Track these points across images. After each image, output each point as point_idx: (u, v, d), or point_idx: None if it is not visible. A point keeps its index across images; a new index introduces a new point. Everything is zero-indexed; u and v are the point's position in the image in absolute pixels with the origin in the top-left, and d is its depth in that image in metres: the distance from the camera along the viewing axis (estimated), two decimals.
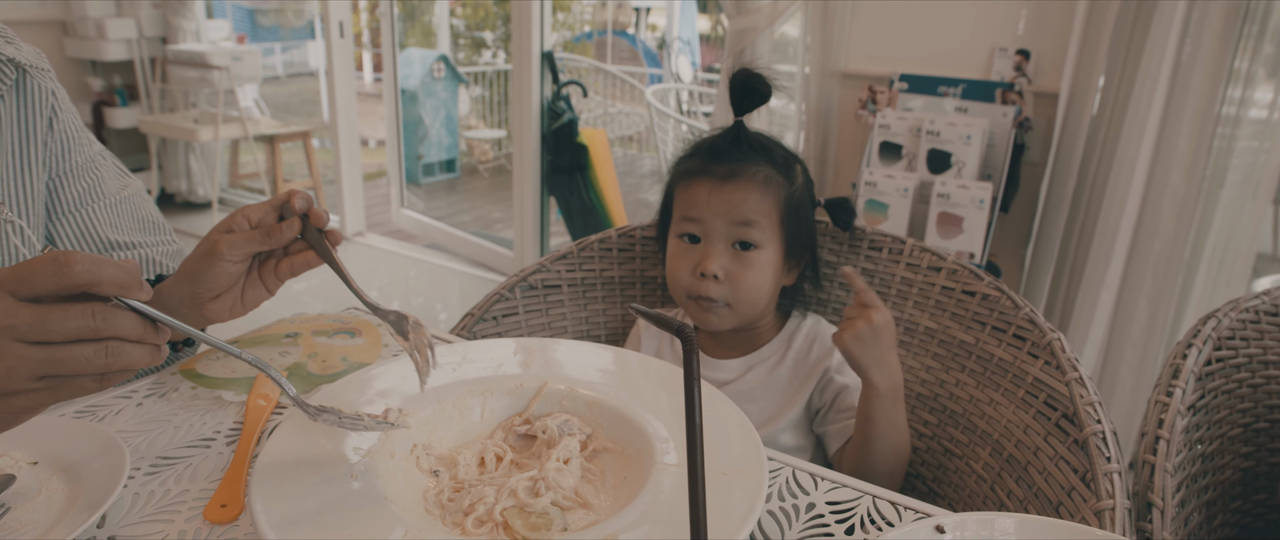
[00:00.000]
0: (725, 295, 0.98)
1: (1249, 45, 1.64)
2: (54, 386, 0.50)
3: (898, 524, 0.64)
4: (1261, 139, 1.66)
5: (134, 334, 0.51)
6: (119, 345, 0.50)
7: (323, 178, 4.65)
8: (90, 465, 0.65)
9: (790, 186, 1.01)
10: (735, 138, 1.02)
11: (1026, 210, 2.01)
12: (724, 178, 0.98)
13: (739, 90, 1.00)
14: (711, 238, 0.99)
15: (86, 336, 0.49)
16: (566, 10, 7.18)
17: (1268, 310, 0.92)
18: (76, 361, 0.49)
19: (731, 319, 1.01)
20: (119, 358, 0.50)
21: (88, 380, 0.50)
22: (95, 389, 0.51)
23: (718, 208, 0.98)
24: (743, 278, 0.98)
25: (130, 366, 0.51)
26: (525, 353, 0.80)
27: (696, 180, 1.00)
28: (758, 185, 0.98)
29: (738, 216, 0.97)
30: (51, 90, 0.88)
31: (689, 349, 0.43)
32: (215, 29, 4.56)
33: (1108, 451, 0.76)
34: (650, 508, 0.58)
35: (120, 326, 0.50)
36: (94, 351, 0.49)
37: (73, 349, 0.49)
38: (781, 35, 2.28)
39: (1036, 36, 1.92)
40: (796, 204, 1.01)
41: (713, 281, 0.98)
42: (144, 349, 0.52)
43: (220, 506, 0.63)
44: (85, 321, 0.49)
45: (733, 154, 1.00)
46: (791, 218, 1.00)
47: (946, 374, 1.01)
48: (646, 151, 5.95)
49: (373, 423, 0.62)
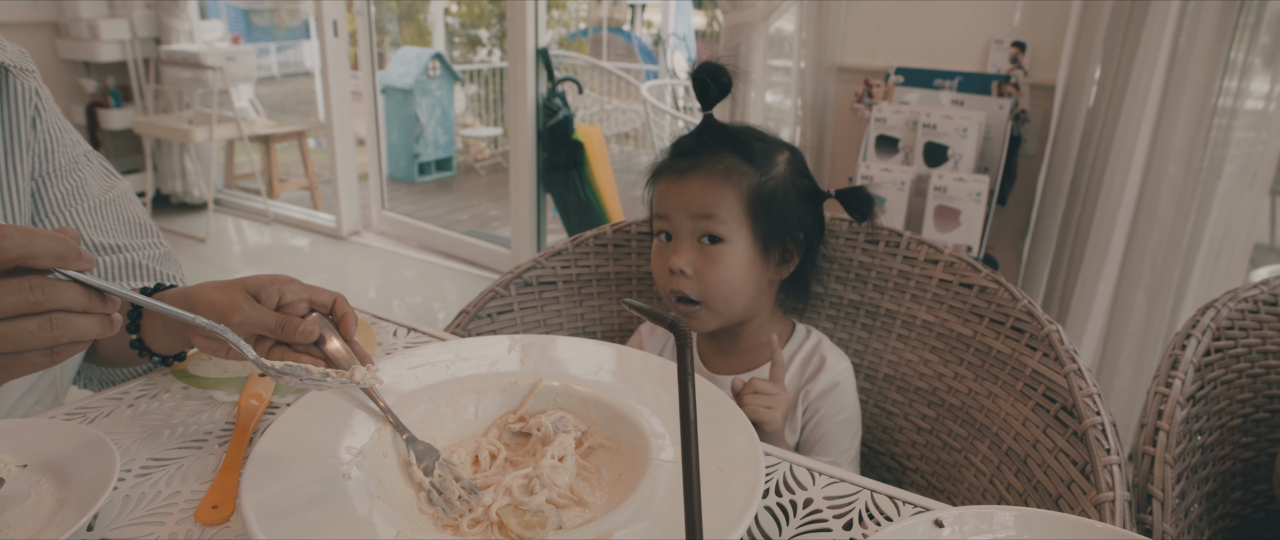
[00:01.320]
0: (695, 291, 0.97)
1: (1245, 36, 1.63)
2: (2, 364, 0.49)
3: (896, 519, 0.63)
4: (1258, 129, 1.66)
5: (78, 305, 0.50)
6: (63, 317, 0.49)
7: (319, 177, 4.64)
8: (80, 468, 0.64)
9: (760, 176, 0.98)
10: (701, 131, 1.00)
11: (1024, 203, 2.01)
12: (683, 172, 0.98)
13: (699, 84, 0.99)
14: (678, 233, 0.98)
15: (28, 311, 0.48)
16: (562, 7, 7.16)
17: (1266, 300, 0.91)
18: (21, 337, 0.48)
19: (710, 320, 0.99)
20: (65, 330, 0.49)
21: (36, 355, 0.49)
22: (47, 363, 0.50)
23: (678, 202, 0.97)
24: (709, 272, 0.96)
25: (79, 337, 0.50)
26: (520, 350, 0.79)
27: (662, 177, 1.00)
28: (717, 177, 0.96)
29: (696, 209, 0.96)
30: (35, 90, 0.87)
31: (682, 343, 0.43)
32: (209, 29, 4.55)
33: (1107, 443, 0.75)
34: (646, 505, 0.57)
35: (62, 298, 0.49)
36: (38, 325, 0.48)
37: (15, 325, 0.48)
38: (777, 30, 2.27)
39: (1032, 28, 1.92)
40: (769, 194, 0.98)
41: (682, 277, 0.97)
42: (92, 319, 0.51)
43: (211, 507, 0.62)
44: (24, 296, 0.48)
45: (696, 148, 0.99)
46: (761, 208, 0.97)
47: (945, 367, 1.00)
48: (643, 148, 5.94)
49: (336, 382, 0.60)
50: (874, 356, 1.08)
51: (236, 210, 4.44)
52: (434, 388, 0.72)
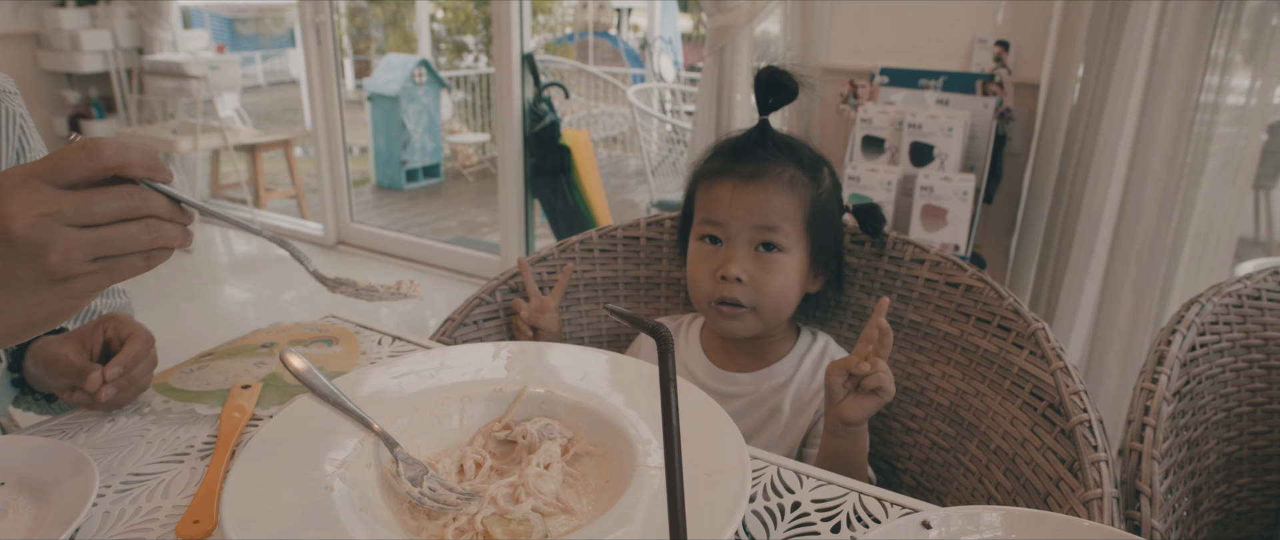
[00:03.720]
0: (749, 298, 0.95)
1: (1225, 32, 1.64)
2: (108, 267, 0.52)
3: (884, 520, 0.63)
4: (1240, 124, 1.67)
5: (166, 213, 0.54)
6: (157, 222, 0.53)
7: (305, 186, 4.62)
8: (58, 484, 0.63)
9: (816, 189, 0.97)
10: (760, 136, 0.98)
11: (1010, 201, 2.02)
12: (748, 177, 0.95)
13: (764, 87, 0.97)
14: (734, 240, 0.96)
15: (128, 215, 0.52)
16: (547, 12, 7.16)
17: (1250, 294, 0.92)
18: (124, 239, 0.52)
19: (755, 325, 0.98)
20: (160, 234, 0.53)
21: (136, 259, 0.53)
22: (144, 267, 0.54)
23: (740, 209, 0.95)
24: (766, 281, 0.95)
25: (169, 243, 0.54)
26: (505, 357, 0.79)
27: (719, 180, 0.97)
28: (783, 186, 0.95)
29: (761, 219, 0.94)
30: (21, 114, 0.87)
31: (664, 349, 0.42)
32: (193, 38, 4.52)
33: (1094, 440, 0.75)
34: (632, 511, 0.57)
35: (155, 205, 0.53)
36: (138, 228, 0.52)
37: (119, 228, 0.52)
38: (762, 32, 2.27)
39: (1015, 27, 1.92)
40: (823, 208, 0.98)
41: (736, 284, 0.95)
42: (177, 228, 0.55)
43: (193, 522, 0.61)
44: (125, 201, 0.52)
45: (757, 153, 0.97)
46: (817, 222, 0.97)
47: (932, 367, 1.00)
48: (631, 152, 5.94)
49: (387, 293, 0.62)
50: None
51: (223, 220, 4.41)
52: (418, 396, 0.71)
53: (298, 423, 0.66)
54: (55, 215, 0.49)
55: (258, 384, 0.82)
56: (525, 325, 1.10)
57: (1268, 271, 0.94)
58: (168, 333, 3.34)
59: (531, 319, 1.10)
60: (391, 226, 4.41)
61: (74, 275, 0.51)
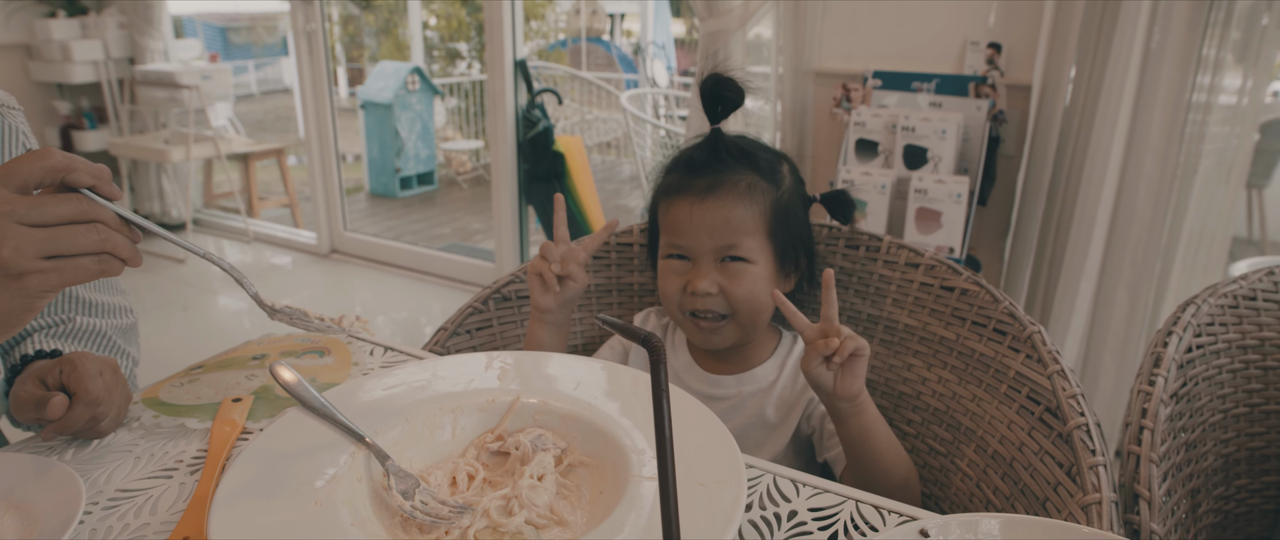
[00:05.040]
0: (722, 306, 0.96)
1: (1216, 32, 1.65)
2: (60, 267, 0.55)
3: (882, 528, 0.62)
4: (1232, 124, 1.67)
5: (114, 223, 0.57)
6: (107, 228, 0.56)
7: (299, 195, 4.60)
8: (44, 501, 0.62)
9: (777, 191, 0.97)
10: (713, 146, 0.98)
11: (1004, 203, 2.01)
12: (704, 193, 0.95)
13: (710, 97, 0.97)
14: (699, 258, 0.96)
15: (78, 218, 0.55)
16: (540, 18, 7.16)
17: (1245, 295, 0.92)
18: (75, 239, 0.55)
19: (734, 332, 0.98)
20: (109, 240, 0.56)
21: (87, 260, 0.56)
22: (95, 270, 0.56)
23: (701, 228, 0.94)
24: (735, 289, 0.95)
25: (118, 251, 0.57)
26: (497, 367, 0.78)
27: (677, 198, 0.97)
28: (740, 196, 0.94)
29: (721, 239, 0.94)
30: (22, 130, 0.87)
31: (656, 359, 0.42)
32: (185, 48, 4.52)
33: (1092, 444, 0.75)
34: (626, 523, 0.56)
35: (102, 213, 0.56)
36: (87, 231, 0.55)
37: (70, 229, 0.55)
38: (755, 36, 2.27)
39: (1007, 29, 1.93)
40: (785, 208, 0.98)
41: (707, 297, 0.95)
42: (125, 240, 0.57)
43: (182, 539, 0.60)
44: (75, 206, 0.55)
45: (712, 164, 0.97)
46: (780, 224, 0.97)
47: (928, 371, 1.00)
48: (625, 157, 5.94)
49: (324, 326, 0.64)
50: None
51: (216, 230, 4.39)
52: (410, 408, 0.70)
53: (288, 436, 0.65)
54: (7, 213, 0.53)
55: (249, 397, 0.82)
56: (550, 273, 0.98)
57: (1263, 272, 0.94)
58: (161, 343, 3.30)
59: (561, 268, 0.98)
60: (385, 234, 4.40)
61: (26, 272, 0.54)
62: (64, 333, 0.89)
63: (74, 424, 0.72)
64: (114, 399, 0.75)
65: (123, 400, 0.77)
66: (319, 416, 0.67)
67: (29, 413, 0.73)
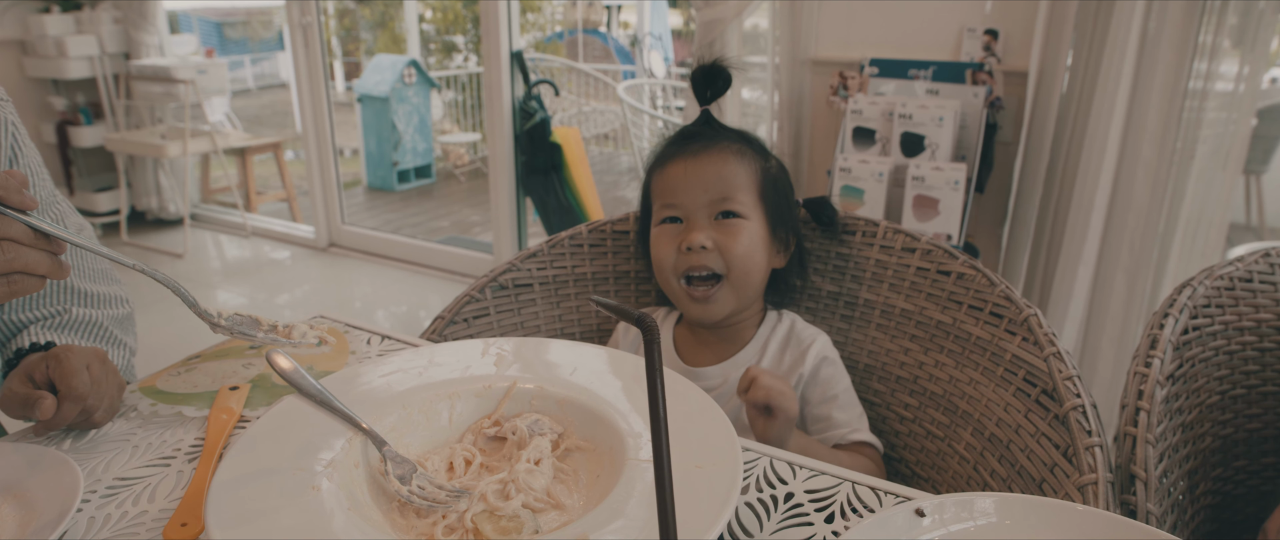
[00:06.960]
0: (717, 264, 0.96)
1: (1213, 18, 1.64)
2: None
3: (878, 510, 0.63)
4: (1229, 110, 1.67)
5: (26, 238, 0.52)
6: (13, 246, 0.51)
7: (296, 189, 4.59)
8: (42, 490, 0.62)
9: (765, 162, 1.01)
10: (705, 121, 1.02)
11: (1001, 190, 2.01)
12: (697, 153, 0.98)
13: (700, 82, 1.01)
14: (693, 214, 0.98)
15: None
16: (537, 11, 7.14)
17: (1242, 277, 0.92)
18: None
19: (730, 298, 0.98)
20: (16, 258, 0.51)
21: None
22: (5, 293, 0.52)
23: (695, 183, 0.97)
24: (731, 244, 0.96)
25: (29, 269, 0.52)
26: (494, 353, 0.78)
27: (671, 163, 1.00)
28: (732, 155, 0.98)
29: (716, 191, 0.96)
30: (13, 122, 0.86)
31: (650, 339, 0.42)
32: (181, 43, 4.49)
33: (1088, 425, 0.75)
34: (624, 505, 0.56)
35: (10, 229, 0.51)
36: None
37: None
38: (751, 26, 2.27)
39: (1004, 16, 1.92)
40: (774, 179, 1.01)
41: (702, 252, 0.96)
42: (41, 254, 0.53)
43: (180, 525, 0.60)
44: None
45: (704, 134, 1.01)
46: (770, 190, 0.99)
47: (925, 355, 1.00)
48: (622, 149, 5.93)
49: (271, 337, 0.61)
50: (854, 347, 1.08)
51: (214, 224, 4.39)
52: (407, 394, 0.70)
53: (285, 423, 0.65)
54: None
55: (246, 385, 0.82)
56: None
57: (1258, 254, 0.94)
58: (160, 336, 3.30)
59: None
60: (383, 228, 4.40)
61: None
62: (60, 324, 0.89)
63: (63, 421, 0.71)
64: (103, 390, 0.73)
65: (114, 390, 0.76)
66: (315, 403, 0.67)
67: (19, 411, 0.72)
